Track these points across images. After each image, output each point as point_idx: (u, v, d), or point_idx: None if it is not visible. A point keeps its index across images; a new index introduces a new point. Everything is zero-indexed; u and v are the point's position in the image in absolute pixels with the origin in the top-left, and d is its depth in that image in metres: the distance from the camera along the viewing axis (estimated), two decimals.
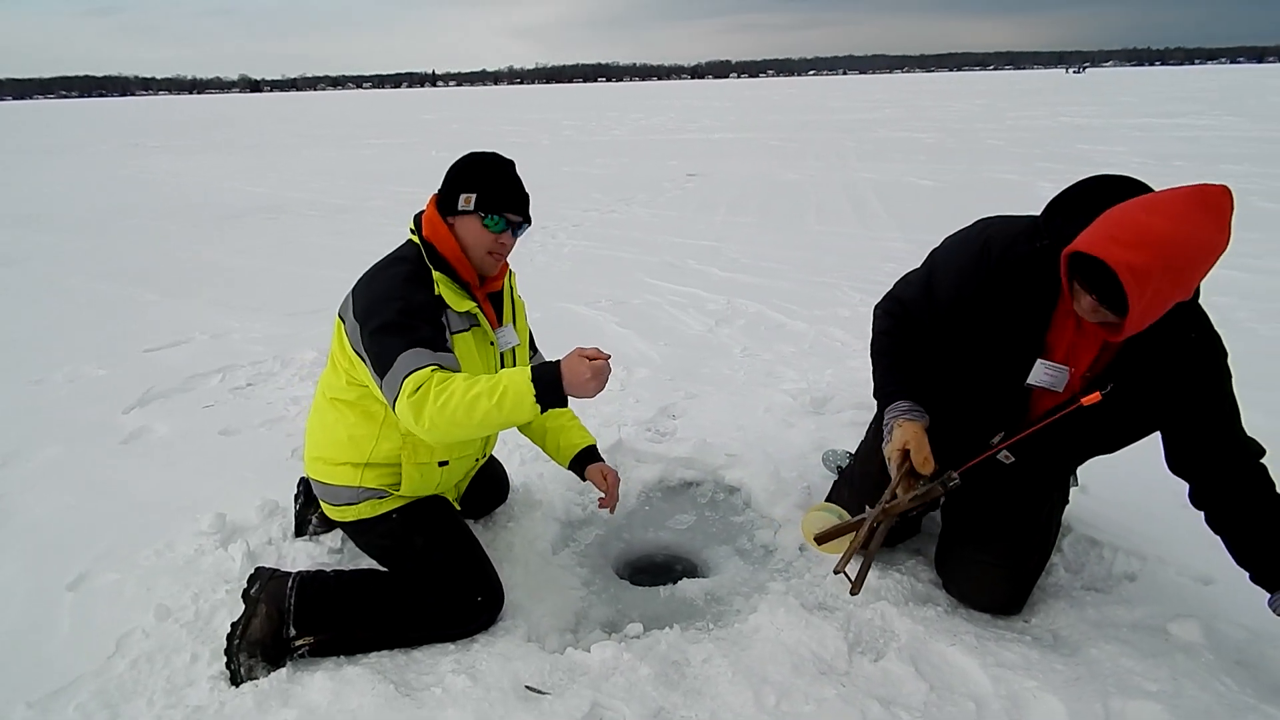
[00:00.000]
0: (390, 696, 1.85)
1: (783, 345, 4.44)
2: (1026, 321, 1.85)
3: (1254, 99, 27.56)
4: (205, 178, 13.50)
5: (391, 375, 1.81)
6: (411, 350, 1.82)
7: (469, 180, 2.03)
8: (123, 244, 7.78)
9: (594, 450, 2.44)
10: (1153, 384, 1.80)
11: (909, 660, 1.95)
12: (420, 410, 1.75)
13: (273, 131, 26.74)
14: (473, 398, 1.73)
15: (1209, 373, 1.80)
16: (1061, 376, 1.87)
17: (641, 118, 29.00)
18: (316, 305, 5.37)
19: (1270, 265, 5.84)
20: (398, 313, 1.89)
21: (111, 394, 3.80)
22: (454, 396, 1.74)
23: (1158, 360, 1.78)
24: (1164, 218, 1.49)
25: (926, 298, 2.02)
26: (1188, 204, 1.50)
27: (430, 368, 1.80)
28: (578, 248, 7.16)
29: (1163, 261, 1.48)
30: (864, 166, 12.81)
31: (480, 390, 1.74)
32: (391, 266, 2.04)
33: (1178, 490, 2.62)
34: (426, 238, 2.05)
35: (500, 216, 2.03)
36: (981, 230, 1.94)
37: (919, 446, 1.88)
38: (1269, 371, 3.74)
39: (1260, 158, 11.75)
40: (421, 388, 1.76)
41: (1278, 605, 1.80)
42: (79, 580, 2.34)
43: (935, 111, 27.46)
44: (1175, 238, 1.47)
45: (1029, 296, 1.83)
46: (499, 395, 1.73)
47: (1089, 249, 1.54)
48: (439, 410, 1.74)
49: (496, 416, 1.74)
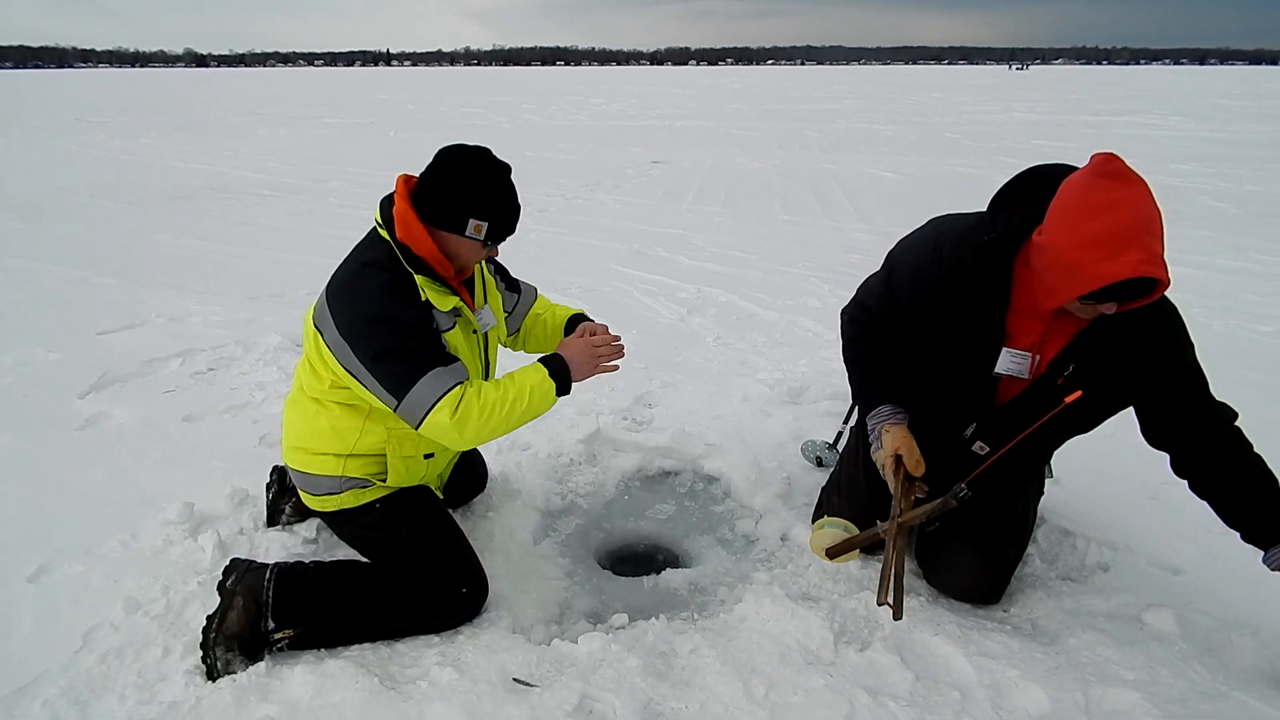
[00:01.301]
0: (375, 690, 1.81)
1: (755, 335, 4.45)
2: (985, 312, 1.90)
3: (1198, 99, 28.44)
4: (152, 156, 13.03)
5: (414, 401, 1.84)
6: (430, 374, 1.84)
7: (483, 208, 1.93)
8: (66, 225, 7.45)
9: (580, 316, 2.42)
10: (1118, 359, 1.84)
11: (894, 650, 1.97)
12: (464, 426, 1.85)
13: (222, 109, 25.93)
14: (511, 402, 1.89)
15: (1171, 341, 1.85)
16: (1026, 363, 1.91)
17: (602, 103, 28.81)
18: (278, 289, 5.23)
19: (1221, 263, 6.04)
20: (397, 335, 1.86)
21: (64, 379, 3.64)
22: (496, 408, 1.87)
23: (1118, 335, 1.83)
24: (1122, 209, 1.59)
25: (889, 300, 2.07)
26: (1116, 185, 1.61)
27: (459, 386, 1.86)
28: (544, 234, 7.09)
29: (1154, 239, 1.60)
30: (826, 157, 12.92)
31: (513, 395, 1.90)
32: (369, 274, 1.92)
33: (1146, 482, 2.72)
34: (401, 240, 1.93)
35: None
36: (932, 230, 2.00)
37: (910, 450, 1.96)
38: (1223, 367, 3.86)
39: (1207, 158, 12.14)
40: (462, 406, 1.84)
41: (1273, 561, 1.84)
42: (39, 572, 2.24)
43: (894, 104, 27.78)
44: (1142, 215, 1.60)
45: (984, 288, 1.89)
46: (529, 395, 1.92)
47: (1115, 276, 1.58)
48: (484, 423, 1.86)
49: (528, 414, 1.93)
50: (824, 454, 2.92)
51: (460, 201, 1.92)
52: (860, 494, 2.33)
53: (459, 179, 1.93)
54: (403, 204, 1.94)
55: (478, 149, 1.97)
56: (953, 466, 2.01)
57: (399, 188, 1.98)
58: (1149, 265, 1.56)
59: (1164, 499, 2.66)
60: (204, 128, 18.60)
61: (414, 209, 1.94)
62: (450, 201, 1.92)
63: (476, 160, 1.95)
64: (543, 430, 3.13)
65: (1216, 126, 17.64)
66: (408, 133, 17.18)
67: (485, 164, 1.95)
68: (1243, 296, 5.21)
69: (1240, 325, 4.56)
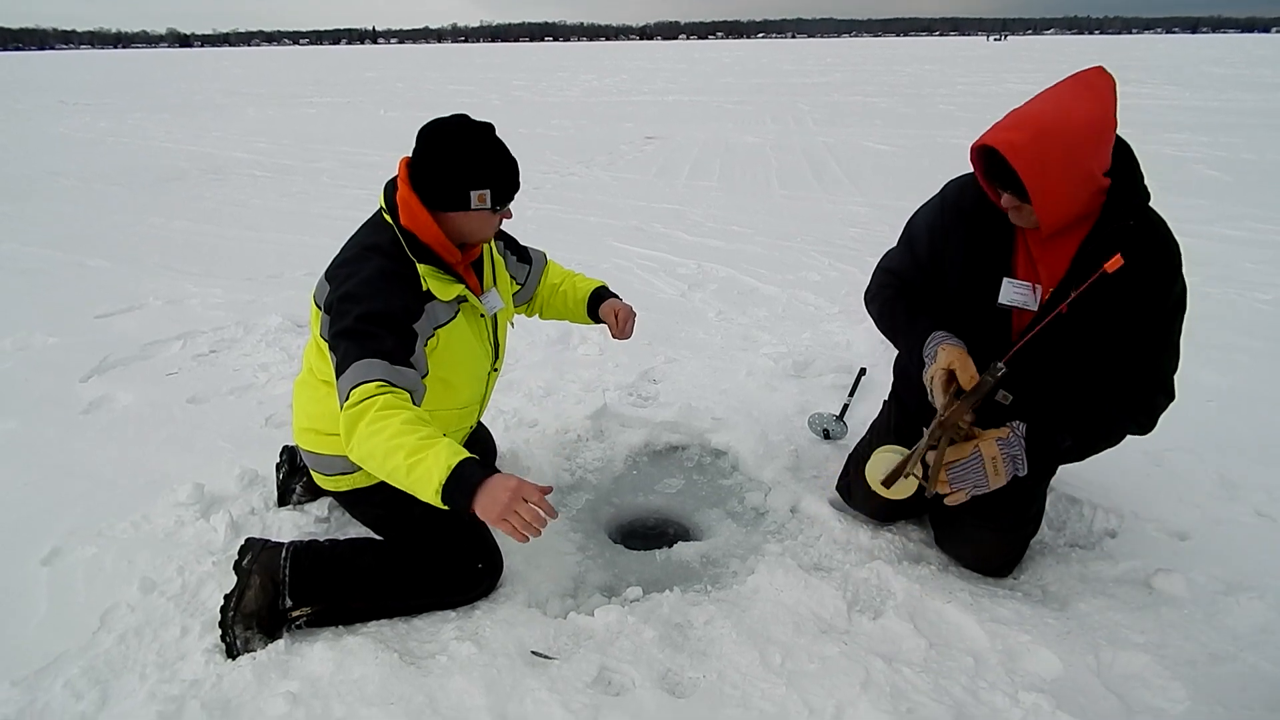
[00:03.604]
0: (395, 665, 1.82)
1: (757, 309, 4.45)
2: (989, 246, 1.94)
3: (1190, 68, 28.31)
4: (140, 137, 12.88)
5: (341, 381, 1.72)
6: (364, 361, 1.71)
7: (480, 177, 1.89)
8: (57, 208, 7.37)
9: (603, 290, 2.38)
10: (1109, 292, 1.80)
11: (907, 617, 1.99)
12: (353, 428, 1.66)
13: (208, 89, 25.61)
14: (394, 446, 1.61)
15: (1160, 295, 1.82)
16: (1029, 294, 1.91)
17: (593, 79, 28.54)
18: (276, 270, 5.21)
19: (1217, 231, 6.05)
20: (363, 318, 1.77)
21: (65, 362, 3.63)
22: (383, 433, 1.63)
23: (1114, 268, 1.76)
24: (1040, 100, 1.70)
25: (911, 259, 2.10)
26: (1065, 85, 1.71)
27: (378, 383, 1.69)
28: (541, 211, 7.05)
29: (1036, 133, 1.65)
30: (821, 130, 12.85)
31: (404, 444, 1.61)
32: (370, 257, 1.89)
33: (1150, 450, 2.74)
34: (406, 227, 1.91)
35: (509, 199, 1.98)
36: (941, 189, 2.09)
37: (964, 365, 1.85)
38: (1218, 333, 3.88)
39: (1200, 126, 12.12)
40: (363, 404, 1.66)
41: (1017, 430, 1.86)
42: (52, 555, 2.24)
43: (886, 76, 27.60)
44: (1048, 112, 1.66)
45: (985, 223, 1.94)
46: (413, 462, 1.59)
47: (979, 141, 1.74)
48: (367, 437, 1.64)
49: (399, 478, 1.63)
50: (831, 426, 2.93)
51: (455, 178, 1.89)
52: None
53: (446, 155, 1.89)
54: (406, 189, 1.92)
55: (455, 119, 1.92)
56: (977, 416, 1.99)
57: (401, 171, 1.95)
58: (1005, 144, 1.66)
59: (1169, 466, 2.68)
60: (191, 108, 18.39)
61: (416, 195, 1.91)
62: (446, 181, 1.89)
63: (457, 130, 1.90)
64: (549, 407, 3.14)
65: (1210, 95, 17.59)
66: (398, 111, 17.01)
67: (467, 131, 1.90)
68: (1240, 265, 5.22)
69: (1238, 294, 4.59)
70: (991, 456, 1.84)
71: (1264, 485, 2.57)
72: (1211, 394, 3.22)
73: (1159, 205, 1.85)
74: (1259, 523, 2.42)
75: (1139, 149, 1.72)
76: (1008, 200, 1.79)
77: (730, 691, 1.78)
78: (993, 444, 1.85)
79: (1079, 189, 1.73)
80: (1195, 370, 3.36)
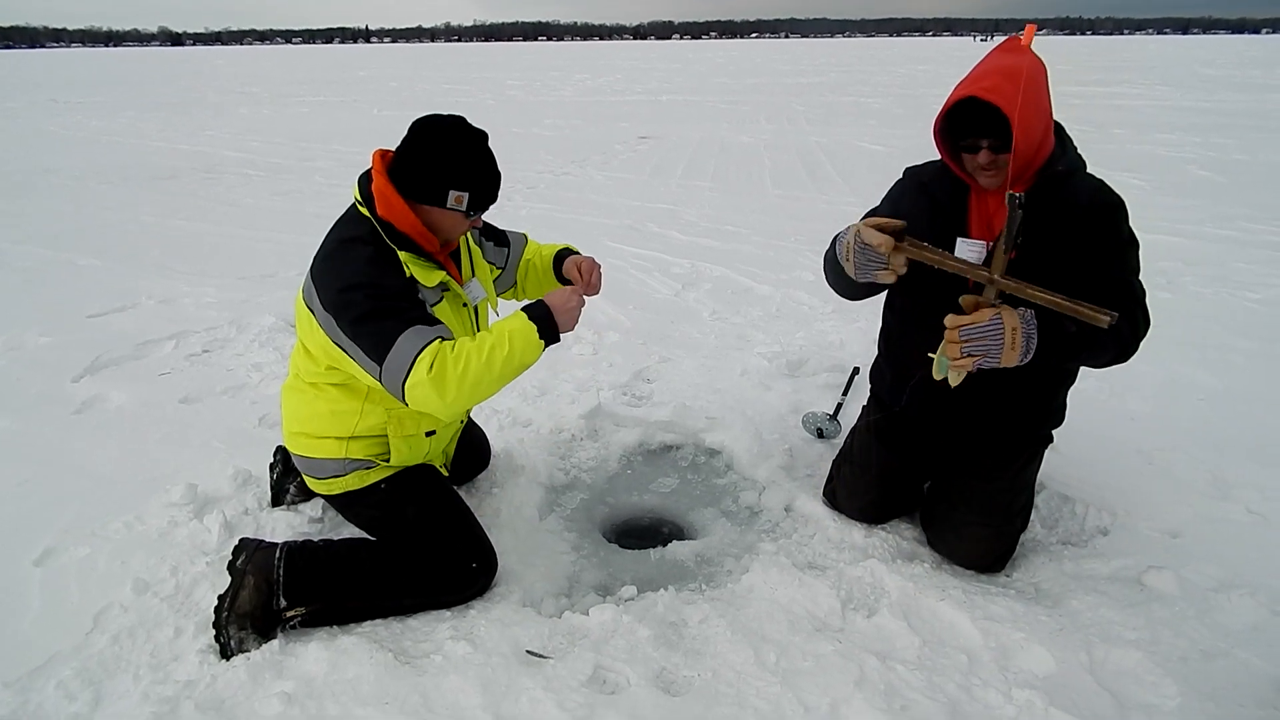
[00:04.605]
0: (390, 665, 1.82)
1: (751, 309, 4.46)
2: (944, 209, 2.03)
3: (1181, 69, 28.44)
4: (133, 136, 12.82)
5: (395, 359, 1.76)
6: (410, 330, 1.78)
7: (462, 179, 1.90)
8: (50, 206, 7.34)
9: (565, 251, 2.40)
10: (1055, 233, 1.88)
11: (901, 615, 2.00)
12: (443, 384, 1.75)
13: (201, 87, 25.51)
14: (488, 351, 1.79)
15: (1108, 228, 1.90)
16: (983, 251, 1.94)
17: (587, 78, 28.51)
18: (269, 270, 5.19)
19: (1209, 231, 6.07)
20: (377, 297, 1.81)
21: (57, 362, 3.61)
22: (471, 359, 1.76)
23: (1054, 210, 1.88)
24: (987, 62, 1.86)
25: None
26: (998, 51, 1.89)
27: (436, 341, 1.78)
28: (535, 210, 7.03)
29: (1004, 76, 1.78)
30: (815, 130, 12.86)
31: (492, 343, 1.80)
32: (351, 248, 1.90)
33: (1142, 448, 2.76)
34: (383, 217, 1.90)
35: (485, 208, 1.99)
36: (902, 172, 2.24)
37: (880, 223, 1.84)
38: (1211, 333, 3.90)
39: (1191, 127, 12.15)
40: (437, 362, 1.75)
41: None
42: (45, 555, 2.24)
43: (880, 76, 27.64)
44: (1004, 64, 1.82)
45: (940, 190, 2.06)
46: (509, 342, 1.81)
47: (952, 99, 1.84)
48: (461, 377, 1.75)
49: (512, 363, 1.82)
50: (825, 425, 2.94)
51: (438, 174, 1.89)
52: (873, 462, 2.35)
53: (435, 151, 1.89)
54: (381, 180, 1.92)
55: (452, 118, 1.93)
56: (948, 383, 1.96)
57: (375, 163, 1.95)
58: (987, 90, 1.76)
59: (1160, 464, 2.70)
60: (184, 106, 18.31)
61: (393, 184, 1.91)
62: (428, 174, 1.89)
63: (452, 130, 1.91)
64: (543, 407, 3.14)
65: (1201, 96, 17.66)
66: (392, 110, 16.97)
67: (461, 133, 1.91)
68: (1232, 265, 5.24)
69: (1230, 293, 4.60)
70: (1013, 327, 1.78)
71: (1255, 483, 2.59)
72: (1204, 393, 3.24)
73: (1153, 205, 1.88)
74: (1251, 521, 2.43)
75: (1131, 149, 1.74)
76: (985, 156, 1.86)
77: (725, 690, 1.78)
78: (1015, 315, 1.79)
79: (1043, 123, 1.85)
80: (1188, 369, 3.40)
